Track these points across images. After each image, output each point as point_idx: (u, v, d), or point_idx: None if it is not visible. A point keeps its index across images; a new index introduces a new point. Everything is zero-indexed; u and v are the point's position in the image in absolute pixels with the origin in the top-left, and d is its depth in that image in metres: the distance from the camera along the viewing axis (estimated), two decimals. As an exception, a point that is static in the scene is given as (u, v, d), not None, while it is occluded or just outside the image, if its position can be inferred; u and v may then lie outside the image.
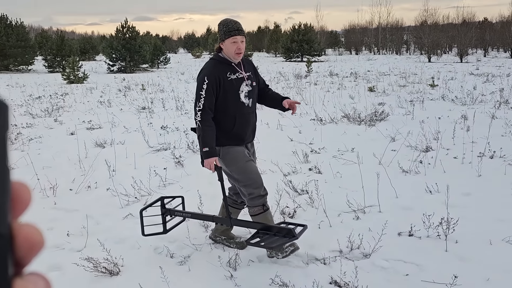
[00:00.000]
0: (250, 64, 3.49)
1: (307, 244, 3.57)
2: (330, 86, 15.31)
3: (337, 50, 67.02)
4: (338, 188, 4.85)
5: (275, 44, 51.01)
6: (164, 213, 3.65)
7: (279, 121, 8.42)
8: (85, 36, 67.93)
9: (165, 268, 3.18)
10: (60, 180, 5.33)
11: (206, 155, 3.16)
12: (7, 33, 30.27)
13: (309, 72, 22.02)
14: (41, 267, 3.29)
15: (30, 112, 10.67)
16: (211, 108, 3.18)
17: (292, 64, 32.14)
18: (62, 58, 29.83)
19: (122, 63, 28.73)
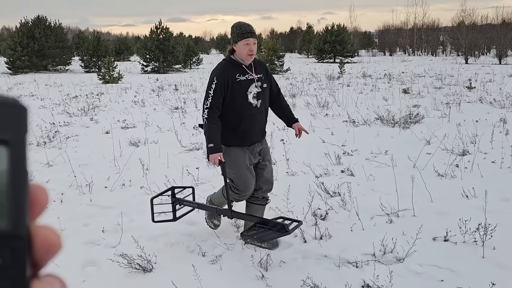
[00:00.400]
0: (263, 66, 3.60)
1: (339, 247, 3.55)
2: (363, 87, 15.13)
3: (370, 51, 66.11)
4: (371, 191, 4.79)
5: (307, 45, 50.76)
6: (174, 202, 3.85)
7: (311, 122, 8.38)
8: (120, 37, 69.41)
9: (197, 266, 3.21)
10: (96, 177, 5.47)
11: (211, 151, 3.34)
12: (46, 34, 31.23)
13: (342, 73, 21.81)
14: (77, 261, 3.39)
15: (67, 111, 10.97)
16: (218, 107, 3.34)
17: (325, 65, 31.93)
18: (98, 59, 30.58)
19: (155, 63, 29.18)
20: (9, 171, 0.31)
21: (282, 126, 8.31)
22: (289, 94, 13.35)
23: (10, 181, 0.31)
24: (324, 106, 10.50)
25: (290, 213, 4.16)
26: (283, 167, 5.72)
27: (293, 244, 3.67)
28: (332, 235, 3.76)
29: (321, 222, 3.99)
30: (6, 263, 0.31)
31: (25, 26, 30.95)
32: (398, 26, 70.96)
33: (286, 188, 4.66)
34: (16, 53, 29.20)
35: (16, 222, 0.31)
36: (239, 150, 3.46)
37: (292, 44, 70.45)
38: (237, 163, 3.45)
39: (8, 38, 33.16)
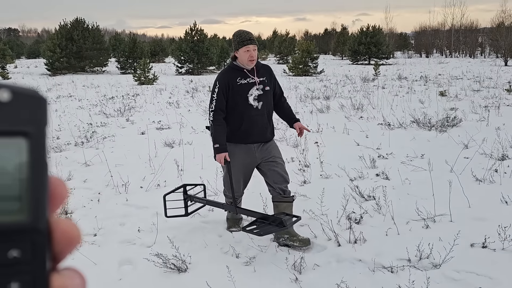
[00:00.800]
0: (267, 70, 3.77)
1: (373, 251, 3.50)
2: (398, 90, 14.87)
3: (406, 52, 64.85)
4: (407, 195, 4.70)
5: (342, 47, 50.31)
6: (186, 198, 4.09)
7: (345, 125, 8.30)
8: (155, 38, 70.60)
9: (231, 267, 3.23)
10: (132, 177, 5.58)
11: (217, 151, 3.59)
12: (84, 36, 32.13)
13: (377, 75, 21.49)
14: (114, 260, 3.46)
15: (104, 112, 11.25)
16: (222, 109, 3.60)
17: (359, 67, 31.56)
18: (134, 60, 31.24)
19: (190, 65, 29.57)
20: (29, 164, 0.31)
21: (316, 128, 8.27)
22: (322, 96, 13.28)
23: (30, 173, 0.31)
24: (358, 109, 10.38)
25: (324, 216, 4.13)
26: (317, 169, 5.69)
27: (327, 247, 3.64)
28: (367, 239, 3.71)
29: (356, 226, 3.95)
30: (26, 256, 0.31)
31: (64, 28, 31.95)
32: (435, 27, 69.40)
33: (320, 191, 4.63)
34: (55, 55, 30.19)
35: (36, 215, 0.31)
36: (234, 147, 3.66)
37: (326, 46, 70.01)
38: (232, 163, 3.67)
39: (48, 40, 34.34)
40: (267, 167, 3.73)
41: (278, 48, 46.31)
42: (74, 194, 5.14)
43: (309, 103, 11.94)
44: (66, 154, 7.06)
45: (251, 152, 3.69)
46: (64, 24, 32.25)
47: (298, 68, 24.57)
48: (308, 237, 3.75)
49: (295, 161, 6.14)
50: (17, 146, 0.30)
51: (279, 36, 50.57)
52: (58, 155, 6.94)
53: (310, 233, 3.83)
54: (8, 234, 0.30)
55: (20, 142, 0.30)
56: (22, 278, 0.30)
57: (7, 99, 0.29)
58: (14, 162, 0.30)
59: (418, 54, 62.54)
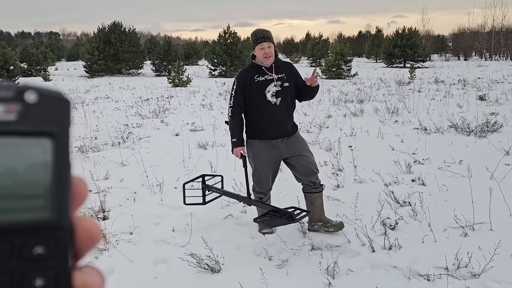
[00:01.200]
0: (287, 67, 3.85)
1: (409, 258, 3.42)
2: (435, 93, 14.53)
3: (443, 55, 63.34)
4: (444, 202, 4.58)
5: (376, 50, 49.63)
6: (204, 188, 4.25)
7: (379, 129, 8.17)
8: (189, 41, 71.62)
9: (264, 270, 3.23)
10: (166, 178, 5.66)
11: (234, 145, 3.80)
12: (121, 39, 32.92)
13: (412, 78, 21.08)
14: (149, 258, 3.52)
15: (139, 113, 11.47)
16: (240, 105, 3.76)
17: (394, 70, 31.04)
18: (168, 63, 31.79)
19: (223, 67, 29.82)
20: (53, 163, 0.32)
21: (349, 132, 8.18)
22: (356, 99, 13.12)
23: (54, 173, 0.32)
24: (393, 113, 10.20)
25: (358, 221, 4.08)
26: (351, 174, 5.62)
27: (361, 253, 3.59)
28: (402, 246, 3.64)
29: (391, 232, 3.87)
30: (50, 253, 0.32)
31: (102, 32, 32.84)
32: (474, 29, 67.44)
33: (353, 196, 4.58)
34: (93, 57, 31.05)
35: (60, 212, 0.32)
36: (258, 143, 3.79)
37: (360, 49, 69.23)
38: (256, 156, 3.81)
39: (87, 43, 35.37)
40: (294, 161, 3.83)
41: (311, 50, 46.09)
42: (111, 193, 5.26)
43: (343, 107, 11.83)
44: (104, 154, 7.24)
45: (276, 147, 3.79)
46: (102, 28, 33.15)
47: (331, 71, 24.38)
48: (342, 221, 3.96)
49: (328, 165, 6.09)
50: (42, 146, 0.31)
51: (312, 39, 50.27)
52: (96, 155, 7.13)
53: (344, 238, 3.79)
54: (34, 231, 0.31)
55: (45, 142, 0.31)
56: (46, 274, 0.31)
57: (34, 101, 0.31)
58: (39, 162, 0.31)
59: (456, 57, 60.92)
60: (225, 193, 4.20)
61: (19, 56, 32.14)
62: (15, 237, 0.31)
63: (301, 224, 4.04)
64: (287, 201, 4.40)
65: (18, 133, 0.30)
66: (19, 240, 0.31)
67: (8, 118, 0.30)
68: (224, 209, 4.67)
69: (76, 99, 15.56)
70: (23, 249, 0.31)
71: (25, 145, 0.31)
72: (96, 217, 4.50)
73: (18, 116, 0.30)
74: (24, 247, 0.31)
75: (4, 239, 0.30)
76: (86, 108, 12.90)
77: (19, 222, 0.31)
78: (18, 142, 0.30)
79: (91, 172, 5.94)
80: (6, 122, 0.30)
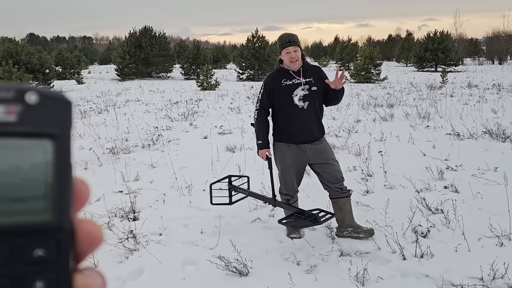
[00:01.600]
0: (315, 71, 3.84)
1: (442, 267, 3.34)
2: (468, 98, 14.17)
3: (476, 59, 61.76)
4: (478, 210, 4.45)
5: (406, 53, 48.83)
6: (230, 188, 4.31)
7: (410, 134, 8.02)
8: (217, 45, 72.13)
9: (292, 275, 3.20)
10: (195, 180, 5.70)
11: (259, 147, 3.88)
12: (152, 43, 33.47)
13: (444, 83, 20.63)
14: (178, 260, 3.54)
15: (169, 116, 11.61)
16: (265, 108, 3.86)
17: (425, 74, 30.46)
18: (197, 66, 32.11)
19: (251, 71, 29.91)
20: (54, 165, 0.31)
21: (379, 137, 8.06)
22: (386, 104, 12.93)
23: (55, 174, 0.31)
24: (424, 117, 10.00)
25: (388, 228, 4.01)
26: (381, 179, 5.53)
27: (391, 260, 3.52)
28: (434, 254, 3.55)
29: (422, 240, 3.79)
30: (50, 255, 0.31)
31: (133, 36, 33.45)
32: (509, 32, 65.50)
33: (383, 202, 4.51)
34: (124, 61, 31.67)
35: (61, 215, 0.32)
36: (285, 146, 3.82)
37: (390, 52, 68.23)
38: (283, 159, 3.84)
39: (118, 47, 36.10)
40: (320, 168, 3.84)
41: (339, 54, 45.71)
42: (141, 194, 5.33)
43: (372, 111, 11.67)
44: (134, 155, 7.35)
45: (302, 151, 3.80)
46: (133, 32, 33.77)
47: (360, 75, 24.13)
48: (372, 227, 3.91)
49: (358, 170, 6.01)
50: (43, 147, 0.31)
51: (340, 43, 49.91)
52: (127, 157, 7.24)
53: (374, 244, 3.73)
54: (34, 233, 0.31)
55: (46, 144, 0.31)
56: (46, 277, 0.31)
57: (35, 102, 0.30)
58: (40, 163, 0.31)
59: (490, 61, 59.28)
60: (251, 194, 4.25)
61: (54, 60, 33.06)
62: (16, 240, 0.31)
63: (330, 229, 4.00)
64: (315, 206, 4.36)
65: (19, 134, 0.30)
66: (20, 242, 0.31)
67: (8, 119, 0.30)
68: (252, 212, 4.66)
69: (108, 101, 15.88)
70: (24, 252, 0.31)
71: (25, 147, 0.30)
72: (127, 217, 4.56)
73: (18, 117, 0.30)
74: (25, 249, 0.31)
75: (5, 242, 0.30)
76: (118, 110, 13.14)
77: (20, 224, 0.31)
78: (18, 144, 0.30)
79: (122, 173, 6.04)
80: (7, 123, 0.30)
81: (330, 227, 4.03)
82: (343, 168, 6.00)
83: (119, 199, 5.06)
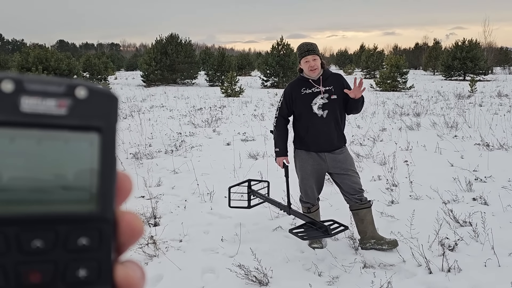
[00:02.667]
0: (336, 79, 3.79)
1: (470, 283, 3.21)
2: (498, 108, 13.78)
3: (507, 68, 60.34)
4: (509, 224, 4.28)
5: (434, 62, 48.06)
6: (249, 192, 4.35)
7: (437, 144, 7.83)
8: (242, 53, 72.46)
9: (314, 286, 3.12)
10: (217, 187, 5.67)
11: (277, 154, 3.90)
12: (177, 50, 33.86)
13: (473, 92, 20.17)
14: (198, 267, 3.50)
15: (192, 122, 11.66)
16: (285, 116, 3.88)
17: (453, 83, 29.88)
18: (222, 73, 32.29)
19: (275, 78, 29.91)
20: (100, 157, 0.32)
21: (405, 146, 7.90)
22: (412, 112, 12.70)
23: (101, 166, 0.33)
24: (452, 127, 9.76)
25: (414, 240, 3.88)
26: (407, 190, 5.39)
27: (417, 274, 3.40)
28: (462, 269, 3.41)
29: (449, 253, 3.65)
30: (93, 244, 0.33)
31: (160, 43, 33.90)
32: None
33: (409, 213, 4.38)
34: (150, 68, 32.11)
35: (104, 205, 0.33)
36: (305, 154, 3.82)
37: (416, 61, 67.33)
38: (302, 166, 3.84)
39: (145, 54, 36.62)
40: (339, 179, 3.81)
41: (365, 62, 45.28)
42: (163, 199, 5.33)
43: (398, 120, 11.47)
44: (157, 161, 7.38)
45: (322, 159, 3.79)
46: (160, 39, 34.23)
47: (386, 83, 23.81)
48: (396, 239, 3.81)
49: (382, 180, 5.88)
50: (90, 140, 0.32)
51: (366, 51, 49.39)
52: (149, 162, 7.28)
53: (398, 257, 3.61)
54: (79, 222, 0.32)
55: (93, 137, 0.32)
56: (89, 265, 0.32)
57: (84, 97, 0.32)
58: (87, 155, 0.32)
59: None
60: (268, 200, 4.24)
61: (82, 66, 33.73)
62: (61, 228, 0.32)
63: (353, 239, 3.90)
64: (338, 215, 4.28)
65: (68, 127, 0.31)
66: (65, 230, 0.32)
67: (59, 112, 0.31)
68: (273, 220, 4.60)
69: (133, 107, 16.08)
70: (68, 240, 0.32)
71: (73, 139, 0.32)
72: (148, 223, 4.56)
73: (68, 110, 0.31)
74: (69, 237, 0.32)
75: (51, 229, 0.31)
76: (142, 116, 13.28)
77: (66, 213, 0.32)
78: (67, 136, 0.31)
79: (144, 179, 6.06)
80: (57, 116, 0.31)
81: (353, 238, 3.93)
82: (368, 178, 5.91)
83: (141, 204, 5.07)
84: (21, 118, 0.30)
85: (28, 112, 0.30)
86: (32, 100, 0.30)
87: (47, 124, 0.31)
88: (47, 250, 0.31)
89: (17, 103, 0.30)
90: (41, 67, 19.03)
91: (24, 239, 0.31)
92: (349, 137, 8.32)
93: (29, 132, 0.30)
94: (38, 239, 0.31)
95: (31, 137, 0.31)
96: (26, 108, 0.30)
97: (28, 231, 0.31)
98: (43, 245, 0.31)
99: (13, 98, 0.30)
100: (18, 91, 0.30)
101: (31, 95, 0.30)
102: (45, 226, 0.31)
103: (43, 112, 0.31)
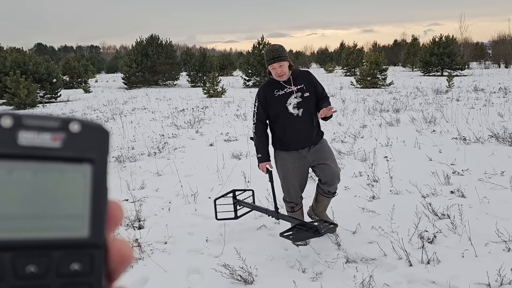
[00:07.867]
0: (304, 77, 3.85)
1: (448, 273, 3.31)
2: (474, 102, 14.09)
3: (483, 63, 61.44)
4: (485, 215, 4.41)
5: (412, 58, 48.68)
6: (235, 203, 4.37)
7: (416, 139, 7.99)
8: (223, 52, 72.30)
9: (298, 282, 3.19)
10: (200, 188, 5.71)
11: (259, 160, 3.91)
12: (158, 51, 33.68)
13: (450, 87, 20.55)
14: (183, 268, 3.54)
15: (175, 124, 11.65)
16: (262, 121, 3.87)
17: (431, 79, 30.35)
18: (203, 74, 32.22)
19: (257, 78, 29.96)
20: (92, 187, 0.34)
21: (385, 142, 8.04)
22: (392, 109, 12.90)
23: (93, 195, 0.34)
24: (431, 122, 9.96)
25: (394, 234, 3.98)
26: (387, 185, 5.51)
27: (397, 267, 3.49)
28: (441, 260, 3.52)
29: (429, 246, 3.76)
30: (85, 269, 0.34)
31: (140, 45, 33.67)
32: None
33: (389, 207, 4.49)
34: (131, 70, 31.87)
35: (96, 232, 0.34)
36: (285, 154, 3.85)
37: (395, 57, 68.08)
38: (283, 165, 3.88)
39: (125, 56, 36.32)
40: (319, 169, 3.89)
41: (345, 60, 45.66)
42: (146, 202, 5.34)
43: (378, 116, 11.64)
44: (140, 164, 7.37)
45: (303, 156, 3.85)
46: (140, 41, 34.00)
47: (366, 80, 24.07)
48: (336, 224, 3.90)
49: (363, 176, 5.99)
50: (83, 170, 0.34)
51: (346, 48, 49.79)
52: (132, 165, 7.27)
53: (380, 251, 3.70)
54: (71, 248, 0.34)
55: (86, 168, 0.34)
56: None
57: (77, 130, 0.34)
58: (80, 185, 0.34)
59: (496, 65, 58.92)
60: (255, 208, 4.28)
61: (62, 69, 33.32)
62: (55, 253, 0.33)
63: (336, 236, 3.98)
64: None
65: (62, 158, 0.33)
66: (58, 256, 0.33)
67: (54, 145, 0.33)
68: (257, 219, 4.66)
69: (115, 110, 15.97)
70: (61, 265, 0.33)
71: (67, 170, 0.34)
72: (132, 226, 4.57)
73: (62, 143, 0.33)
74: (62, 263, 0.33)
75: (44, 255, 0.33)
76: (124, 119, 13.21)
77: (59, 239, 0.33)
78: (61, 167, 0.33)
79: (127, 182, 6.05)
80: (52, 148, 0.33)
81: (336, 234, 4.01)
82: (349, 174, 6.01)
83: (124, 207, 5.07)
84: (19, 151, 0.32)
85: (25, 145, 0.32)
86: (29, 134, 0.32)
87: (43, 156, 0.33)
88: (41, 275, 0.33)
89: (15, 137, 0.32)
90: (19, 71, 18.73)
91: (19, 264, 0.32)
92: (330, 135, 8.43)
93: (26, 164, 0.32)
94: (33, 264, 0.32)
95: (28, 168, 0.32)
96: (23, 142, 0.32)
97: (23, 256, 0.32)
98: (37, 270, 0.32)
99: (11, 132, 0.32)
100: (16, 126, 0.32)
101: (28, 129, 0.32)
102: (39, 251, 0.33)
103: (39, 145, 0.33)
